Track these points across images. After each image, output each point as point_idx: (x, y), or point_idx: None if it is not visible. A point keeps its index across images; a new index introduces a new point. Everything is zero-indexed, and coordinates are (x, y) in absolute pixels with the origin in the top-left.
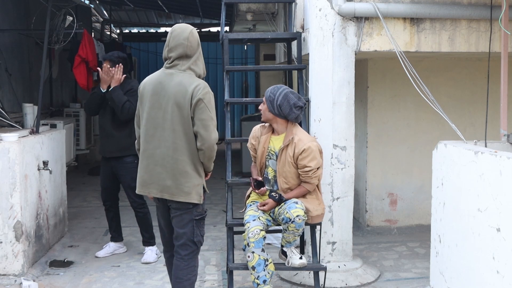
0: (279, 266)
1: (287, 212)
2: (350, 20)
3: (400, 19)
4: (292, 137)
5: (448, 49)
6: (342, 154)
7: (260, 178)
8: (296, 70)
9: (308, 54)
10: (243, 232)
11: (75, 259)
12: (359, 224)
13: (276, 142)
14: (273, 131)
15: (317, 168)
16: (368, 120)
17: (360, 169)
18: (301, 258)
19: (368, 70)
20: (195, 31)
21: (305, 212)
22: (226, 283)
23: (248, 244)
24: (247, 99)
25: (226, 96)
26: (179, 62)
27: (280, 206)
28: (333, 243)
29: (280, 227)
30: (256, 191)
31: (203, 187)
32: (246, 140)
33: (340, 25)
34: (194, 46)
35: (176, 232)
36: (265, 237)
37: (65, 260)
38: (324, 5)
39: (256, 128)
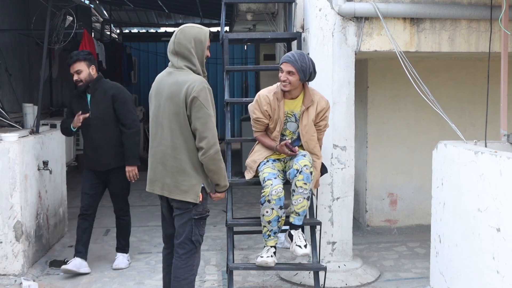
0: (279, 266)
1: (295, 164)
2: (350, 20)
3: (400, 19)
4: (311, 98)
5: (448, 49)
6: (342, 154)
7: (289, 141)
8: None
9: (308, 54)
10: (242, 232)
11: None
12: (359, 224)
13: (292, 105)
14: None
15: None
16: (368, 120)
17: (360, 169)
18: (305, 246)
19: (368, 70)
20: (189, 29)
21: (311, 166)
22: (226, 283)
23: (269, 200)
24: (247, 99)
25: (226, 96)
26: (176, 60)
27: (286, 163)
28: (333, 243)
29: (284, 227)
30: (295, 152)
31: (205, 187)
32: (246, 140)
33: (340, 25)
34: (187, 45)
35: (176, 230)
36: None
37: (65, 260)
38: (324, 5)
39: (264, 95)
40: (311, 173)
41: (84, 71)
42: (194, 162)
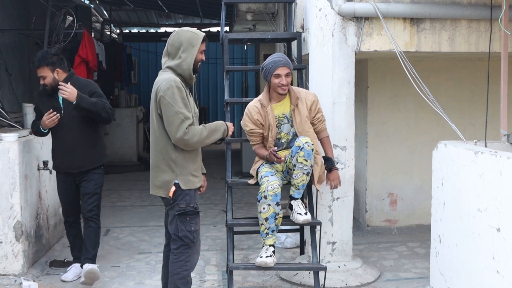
0: (279, 266)
1: (296, 141)
2: (350, 20)
3: (400, 19)
4: (297, 96)
5: (448, 49)
6: (342, 154)
7: (276, 148)
8: (296, 70)
9: (308, 54)
10: (242, 232)
11: None
12: (359, 224)
13: (281, 108)
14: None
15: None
16: (368, 120)
17: (360, 169)
18: (306, 213)
19: (368, 70)
20: (183, 32)
21: (313, 144)
22: (226, 283)
23: (265, 196)
24: (247, 99)
25: (226, 96)
26: (164, 61)
27: (286, 162)
28: (333, 243)
29: (284, 227)
30: (281, 159)
31: (179, 184)
32: (246, 140)
33: (340, 25)
34: (179, 47)
35: (169, 227)
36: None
37: (65, 260)
38: (324, 5)
39: (252, 106)
40: (312, 150)
41: (48, 76)
42: (167, 159)
